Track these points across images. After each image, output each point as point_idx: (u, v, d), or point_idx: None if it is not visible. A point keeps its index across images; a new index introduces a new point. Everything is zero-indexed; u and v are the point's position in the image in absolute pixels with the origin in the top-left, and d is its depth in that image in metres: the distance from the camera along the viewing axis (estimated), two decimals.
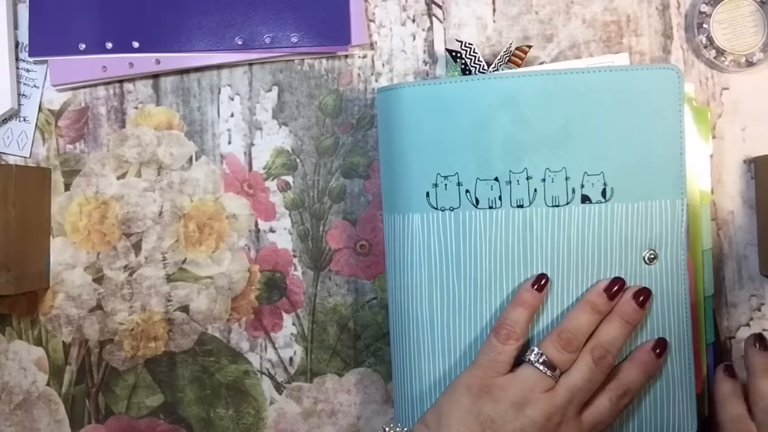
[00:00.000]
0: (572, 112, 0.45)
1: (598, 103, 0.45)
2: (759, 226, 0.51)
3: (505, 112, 0.45)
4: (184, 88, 0.56)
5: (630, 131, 0.45)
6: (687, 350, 0.46)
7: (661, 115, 0.45)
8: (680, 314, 0.46)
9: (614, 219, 0.45)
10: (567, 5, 0.53)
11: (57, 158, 0.57)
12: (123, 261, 0.56)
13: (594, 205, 0.45)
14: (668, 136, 0.45)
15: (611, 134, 0.45)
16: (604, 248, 0.45)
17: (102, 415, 0.56)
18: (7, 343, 0.57)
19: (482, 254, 0.46)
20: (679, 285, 0.45)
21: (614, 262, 0.45)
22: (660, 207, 0.45)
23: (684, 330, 0.46)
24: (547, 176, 0.45)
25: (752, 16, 0.51)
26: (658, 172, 0.45)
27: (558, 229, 0.45)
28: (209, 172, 0.56)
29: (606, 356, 0.43)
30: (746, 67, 0.51)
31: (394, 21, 0.55)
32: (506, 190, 0.46)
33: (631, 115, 0.45)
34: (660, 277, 0.45)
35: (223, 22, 0.54)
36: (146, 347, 0.56)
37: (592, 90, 0.45)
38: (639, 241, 0.45)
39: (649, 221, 0.45)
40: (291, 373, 0.55)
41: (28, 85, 0.57)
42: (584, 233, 0.45)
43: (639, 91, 0.45)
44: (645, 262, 0.45)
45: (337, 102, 0.55)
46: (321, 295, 0.55)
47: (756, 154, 0.52)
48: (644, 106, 0.45)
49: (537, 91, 0.45)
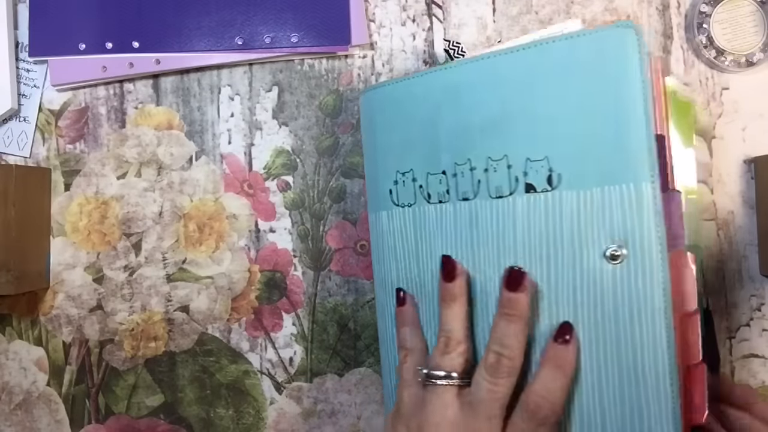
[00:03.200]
0: (511, 94, 0.40)
1: (540, 80, 0.39)
2: (759, 226, 0.51)
3: (447, 103, 0.43)
4: (184, 88, 0.56)
5: (578, 107, 0.38)
6: (664, 372, 0.36)
7: (617, 84, 0.37)
8: (654, 325, 0.36)
9: (563, 209, 0.38)
10: (567, 5, 0.53)
11: (57, 158, 0.57)
12: (123, 261, 0.56)
13: (540, 194, 0.39)
14: (628, 107, 0.37)
15: (556, 113, 0.39)
16: (554, 243, 0.39)
17: (102, 415, 0.56)
18: (7, 343, 0.57)
19: (435, 249, 0.44)
20: (652, 289, 0.36)
21: (566, 259, 0.38)
22: (621, 193, 0.37)
23: (659, 345, 0.36)
24: (489, 166, 0.41)
25: (752, 16, 0.51)
26: (617, 151, 0.37)
27: (503, 222, 0.40)
28: (209, 172, 0.56)
29: (501, 359, 0.38)
30: (746, 67, 0.51)
31: (394, 21, 0.55)
32: (453, 183, 0.43)
33: (578, 89, 0.38)
34: (627, 279, 0.37)
35: (223, 22, 0.54)
36: (146, 347, 0.56)
37: (531, 67, 0.40)
38: (596, 234, 0.37)
39: (609, 211, 0.37)
40: (291, 373, 0.55)
41: (28, 85, 0.57)
42: (531, 226, 0.39)
43: (586, 60, 0.38)
44: (607, 259, 0.37)
45: (337, 102, 0.55)
46: (321, 295, 0.55)
47: (756, 154, 0.52)
48: (595, 76, 0.38)
49: (475, 77, 0.42)
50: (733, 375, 0.51)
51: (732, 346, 0.52)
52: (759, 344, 0.51)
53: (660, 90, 0.40)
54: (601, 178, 0.37)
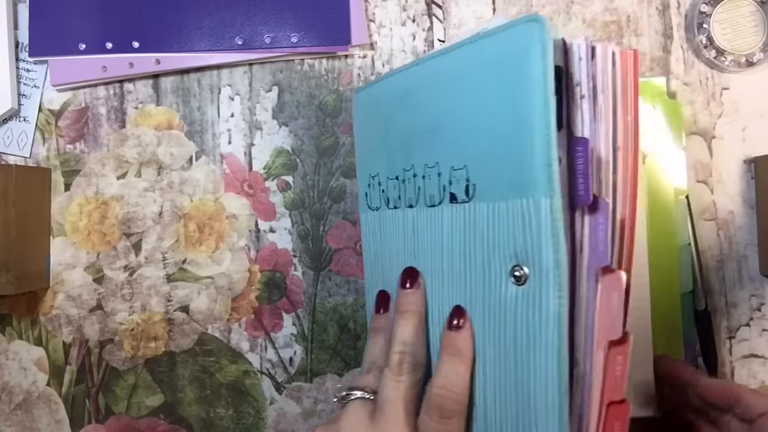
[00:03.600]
0: (441, 99, 0.37)
1: (458, 83, 0.36)
2: (759, 226, 0.51)
3: (399, 106, 0.41)
4: (184, 88, 0.56)
5: (489, 112, 0.34)
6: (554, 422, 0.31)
7: (523, 87, 0.32)
8: (546, 364, 0.31)
9: (477, 222, 0.35)
10: (567, 5, 0.53)
11: (57, 158, 0.57)
12: (123, 261, 0.56)
13: (460, 205, 0.36)
14: (530, 113, 0.31)
15: (472, 119, 0.35)
16: (469, 257, 0.35)
17: (102, 415, 0.56)
18: (7, 343, 0.57)
19: (392, 254, 0.43)
20: (547, 319, 0.31)
21: (478, 275, 0.35)
22: (522, 208, 0.32)
23: (550, 387, 0.31)
24: (426, 173, 0.38)
25: (752, 16, 0.51)
26: (521, 161, 0.32)
27: (434, 232, 0.38)
28: (209, 172, 0.56)
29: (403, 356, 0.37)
30: (746, 67, 0.51)
31: (394, 21, 0.55)
32: (402, 189, 0.41)
33: (487, 92, 0.34)
34: (526, 304, 0.32)
35: (223, 22, 0.54)
36: (146, 347, 0.56)
37: (453, 69, 0.37)
38: (503, 252, 0.33)
39: (513, 228, 0.32)
40: (291, 373, 0.55)
41: (28, 85, 0.57)
42: (452, 238, 0.37)
43: (493, 61, 0.34)
44: (512, 280, 0.32)
45: (337, 102, 0.55)
46: (321, 295, 0.55)
47: (756, 154, 0.52)
48: (499, 78, 0.33)
49: (417, 79, 0.39)
50: (733, 375, 0.51)
51: (732, 346, 0.52)
52: (759, 344, 0.51)
53: (627, 86, 0.34)
54: (508, 190, 0.33)
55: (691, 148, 0.52)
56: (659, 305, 0.47)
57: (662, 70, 0.52)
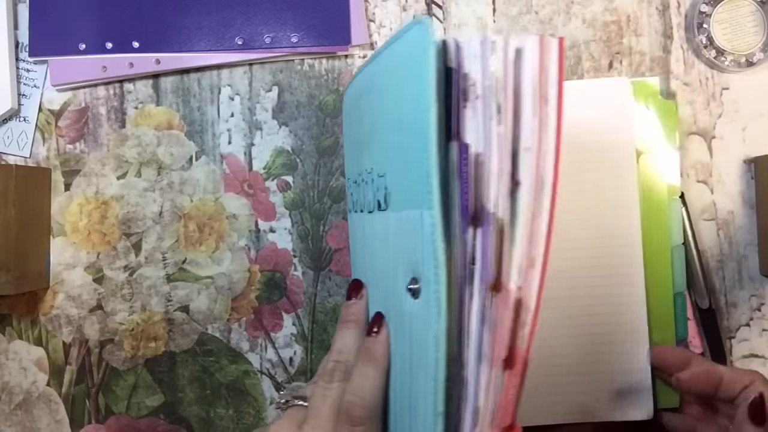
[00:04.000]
0: (372, 102, 0.37)
1: (379, 89, 0.36)
2: (759, 226, 0.51)
3: (356, 108, 0.41)
4: (184, 88, 0.56)
5: (395, 121, 0.33)
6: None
7: (407, 93, 0.31)
8: (425, 384, 0.29)
9: (389, 231, 0.34)
10: (567, 5, 0.53)
11: (57, 158, 0.57)
12: (123, 261, 0.56)
13: (382, 212, 0.35)
14: (413, 120, 0.30)
15: (387, 127, 0.34)
16: (384, 267, 0.35)
17: (102, 415, 0.56)
18: (7, 343, 0.57)
19: (361, 258, 0.43)
20: (426, 338, 0.29)
21: (389, 287, 0.34)
22: (414, 220, 0.30)
23: (429, 408, 0.29)
24: (367, 178, 0.38)
25: (752, 16, 0.51)
26: (412, 171, 0.30)
27: (371, 239, 0.38)
28: (209, 172, 0.56)
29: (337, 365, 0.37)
30: (746, 67, 0.51)
31: (394, 21, 0.55)
32: (358, 192, 0.41)
33: (393, 100, 0.33)
34: (417, 319, 0.30)
35: (223, 22, 0.54)
36: (146, 347, 0.56)
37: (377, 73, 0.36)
38: (404, 264, 0.32)
39: (411, 239, 0.31)
40: (291, 373, 0.55)
41: (28, 85, 0.57)
42: (379, 246, 0.36)
43: (394, 66, 0.33)
44: (410, 294, 0.31)
45: (337, 102, 0.55)
46: (321, 295, 0.55)
47: (756, 154, 0.52)
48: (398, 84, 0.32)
49: (366, 83, 0.39)
50: None
51: (732, 346, 0.52)
52: (759, 344, 0.51)
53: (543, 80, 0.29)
54: (408, 200, 0.31)
55: (691, 148, 0.52)
56: (652, 305, 0.47)
57: (662, 70, 0.52)
